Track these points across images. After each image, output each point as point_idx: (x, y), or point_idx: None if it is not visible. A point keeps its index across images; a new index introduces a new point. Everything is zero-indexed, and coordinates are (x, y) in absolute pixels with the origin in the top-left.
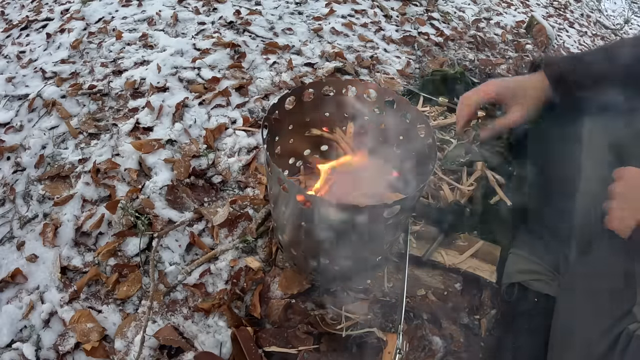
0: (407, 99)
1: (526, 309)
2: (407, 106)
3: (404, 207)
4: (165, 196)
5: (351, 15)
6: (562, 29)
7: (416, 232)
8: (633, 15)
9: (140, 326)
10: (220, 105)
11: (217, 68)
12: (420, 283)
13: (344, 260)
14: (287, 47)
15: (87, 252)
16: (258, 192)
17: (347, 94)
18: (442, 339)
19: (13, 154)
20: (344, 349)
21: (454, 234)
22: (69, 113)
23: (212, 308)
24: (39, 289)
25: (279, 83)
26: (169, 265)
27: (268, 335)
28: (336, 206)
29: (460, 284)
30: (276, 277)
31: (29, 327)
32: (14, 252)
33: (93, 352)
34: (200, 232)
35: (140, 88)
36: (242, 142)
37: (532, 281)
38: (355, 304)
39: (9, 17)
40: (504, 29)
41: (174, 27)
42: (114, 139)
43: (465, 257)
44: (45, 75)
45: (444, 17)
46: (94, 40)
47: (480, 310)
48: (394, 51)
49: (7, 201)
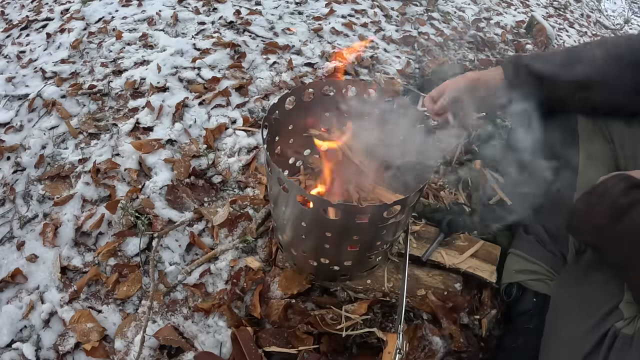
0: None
1: (525, 309)
2: (407, 106)
3: (403, 207)
4: (165, 196)
5: (351, 15)
6: (562, 29)
7: (416, 232)
8: (633, 15)
9: (140, 326)
10: (220, 105)
11: (217, 68)
12: (420, 283)
13: (344, 261)
14: (287, 47)
15: (87, 252)
16: (258, 192)
17: (347, 94)
18: (442, 339)
19: (13, 154)
20: (344, 349)
21: (454, 234)
22: (69, 113)
23: (212, 308)
24: (39, 289)
25: (279, 83)
26: (169, 265)
27: (268, 335)
28: (336, 206)
29: (460, 284)
30: (276, 277)
31: (29, 327)
32: (14, 252)
33: (93, 352)
34: (200, 232)
35: (140, 88)
36: (242, 142)
37: (531, 281)
38: (355, 304)
39: (9, 17)
40: (504, 28)
41: (174, 27)
42: (114, 139)
43: (465, 257)
44: (45, 75)
45: (444, 17)
46: (94, 40)
47: (480, 310)
48: (394, 51)
49: (7, 201)
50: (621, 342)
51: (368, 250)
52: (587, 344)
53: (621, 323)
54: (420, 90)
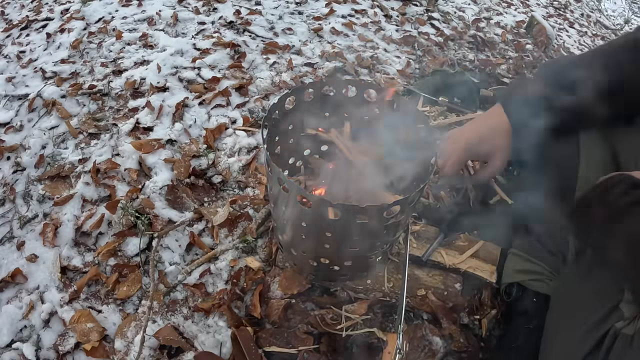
0: (407, 99)
1: (525, 309)
2: (407, 106)
3: (403, 207)
4: (165, 196)
5: (351, 15)
6: (562, 29)
7: (416, 232)
8: (633, 15)
9: (140, 326)
10: (220, 105)
11: (217, 68)
12: (420, 283)
13: (344, 260)
14: (287, 47)
15: (87, 252)
16: (258, 192)
17: (347, 94)
18: (442, 339)
19: (13, 154)
20: (344, 349)
21: (454, 234)
22: (69, 113)
23: (212, 308)
24: (39, 289)
25: (279, 83)
26: (169, 265)
27: (268, 335)
28: (336, 206)
29: (460, 284)
30: (276, 277)
31: (29, 327)
32: (14, 252)
33: (93, 352)
34: (200, 232)
35: (140, 88)
36: (242, 142)
37: (531, 281)
38: (355, 304)
39: (9, 17)
40: (504, 28)
41: (174, 27)
42: (114, 139)
43: (465, 257)
44: (45, 75)
45: (444, 17)
46: (94, 40)
47: (480, 310)
48: (394, 51)
49: (7, 201)
50: (621, 342)
51: (368, 250)
52: (587, 344)
53: (621, 323)
54: (420, 91)
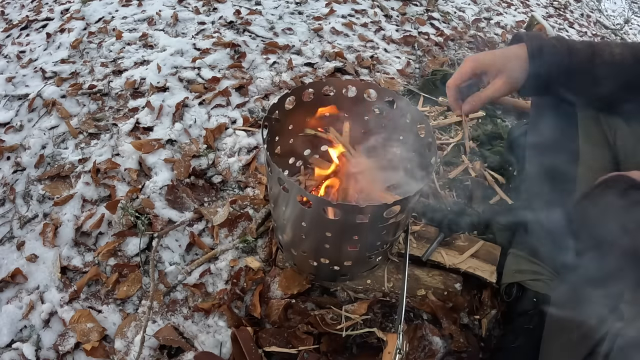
0: (407, 99)
1: (525, 309)
2: (407, 106)
3: (403, 207)
4: (165, 196)
5: (351, 15)
6: (562, 29)
7: (416, 232)
8: (633, 15)
9: (140, 326)
10: (220, 105)
11: (217, 68)
12: (420, 283)
13: (344, 260)
14: (287, 47)
15: (87, 252)
16: (258, 192)
17: (347, 94)
18: (442, 339)
19: (13, 154)
20: (344, 349)
21: (454, 234)
22: (69, 113)
23: (212, 308)
24: (39, 289)
25: (279, 83)
26: (169, 265)
27: (268, 335)
28: (336, 206)
29: (460, 284)
30: (276, 277)
31: (29, 327)
32: (14, 252)
33: (93, 352)
34: (200, 232)
35: (140, 88)
36: (242, 142)
37: (531, 281)
38: (355, 304)
39: (9, 17)
40: (504, 29)
41: (174, 27)
42: (114, 139)
43: (465, 257)
44: (45, 75)
45: (444, 17)
46: (94, 40)
47: (480, 310)
48: (394, 51)
49: (7, 201)
50: (622, 342)
51: (368, 250)
52: (588, 344)
53: (622, 323)
54: (420, 91)
